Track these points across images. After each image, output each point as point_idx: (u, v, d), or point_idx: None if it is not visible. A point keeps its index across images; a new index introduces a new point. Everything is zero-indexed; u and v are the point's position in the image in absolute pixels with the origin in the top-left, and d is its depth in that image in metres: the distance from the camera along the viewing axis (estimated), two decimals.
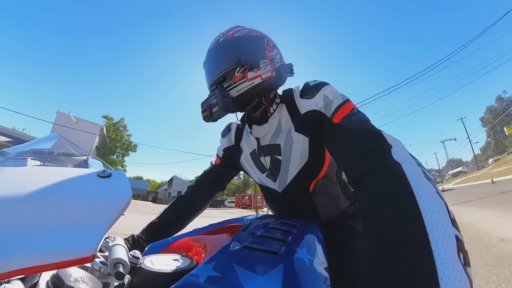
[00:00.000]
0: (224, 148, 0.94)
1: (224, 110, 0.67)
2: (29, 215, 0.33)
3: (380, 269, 0.33)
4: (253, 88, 0.69)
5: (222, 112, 0.68)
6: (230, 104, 0.67)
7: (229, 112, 0.71)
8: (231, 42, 0.71)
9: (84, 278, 0.42)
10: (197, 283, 0.40)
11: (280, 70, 0.73)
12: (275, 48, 0.76)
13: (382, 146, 0.50)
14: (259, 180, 0.86)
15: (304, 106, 0.70)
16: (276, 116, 0.77)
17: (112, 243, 0.49)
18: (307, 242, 0.56)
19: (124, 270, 0.42)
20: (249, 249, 0.49)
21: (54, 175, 0.41)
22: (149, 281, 0.48)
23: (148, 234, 0.80)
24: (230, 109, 0.69)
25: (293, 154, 0.73)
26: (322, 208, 0.78)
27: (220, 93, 0.66)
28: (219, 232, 0.75)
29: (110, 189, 0.41)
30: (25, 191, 0.36)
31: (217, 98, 0.67)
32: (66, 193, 0.38)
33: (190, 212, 0.93)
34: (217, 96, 0.67)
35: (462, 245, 0.34)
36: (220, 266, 0.44)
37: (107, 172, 0.44)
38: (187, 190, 0.96)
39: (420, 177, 0.42)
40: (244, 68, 0.68)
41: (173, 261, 0.56)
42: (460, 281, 0.29)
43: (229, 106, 0.67)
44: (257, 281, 0.40)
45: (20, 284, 0.38)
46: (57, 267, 0.31)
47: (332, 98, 0.66)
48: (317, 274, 0.48)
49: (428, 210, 0.36)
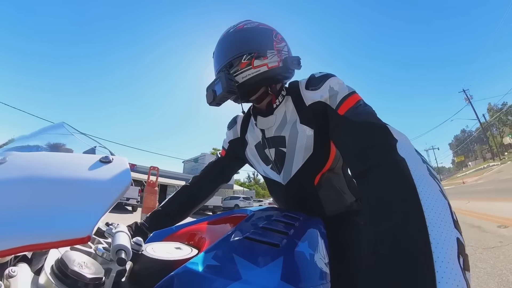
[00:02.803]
0: (230, 140, 0.94)
1: (227, 91, 0.67)
2: (29, 197, 0.34)
3: (378, 268, 0.32)
4: (258, 76, 0.69)
5: (226, 94, 0.68)
6: (234, 86, 0.68)
7: (233, 94, 0.70)
8: (240, 32, 0.73)
9: (87, 263, 0.43)
10: (196, 271, 0.40)
11: (287, 61, 0.73)
12: (283, 41, 0.76)
13: (387, 141, 0.48)
14: (263, 173, 0.85)
15: (309, 98, 0.69)
16: (282, 108, 0.76)
17: (115, 230, 0.50)
18: (309, 236, 0.55)
19: (126, 256, 0.43)
20: (250, 240, 0.49)
21: (57, 160, 0.42)
22: (150, 268, 0.49)
23: (151, 222, 0.81)
24: (234, 91, 0.68)
25: (297, 146, 0.72)
26: (326, 202, 0.77)
27: (225, 75, 0.67)
28: (222, 222, 0.76)
29: (110, 174, 0.42)
30: (27, 174, 0.36)
31: (221, 80, 0.67)
32: (67, 176, 0.39)
33: (194, 202, 0.94)
34: (221, 78, 0.67)
35: (463, 248, 0.32)
36: (220, 256, 0.44)
37: (109, 158, 0.44)
38: (192, 181, 0.97)
39: (425, 175, 0.40)
40: (251, 56, 0.69)
41: (174, 249, 0.56)
42: (458, 286, 0.28)
43: (233, 87, 0.67)
44: (256, 272, 0.40)
45: (26, 267, 0.39)
46: (53, 247, 0.32)
47: (338, 89, 0.65)
48: (317, 269, 0.48)
49: (431, 210, 0.34)
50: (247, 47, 0.69)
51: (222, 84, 0.67)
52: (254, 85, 0.72)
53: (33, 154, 0.45)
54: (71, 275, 0.39)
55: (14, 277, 0.35)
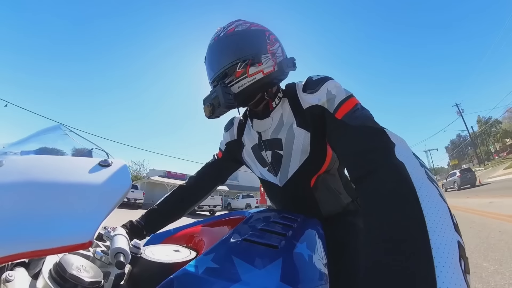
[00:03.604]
0: (227, 142, 0.94)
1: (226, 107, 0.66)
2: (28, 202, 0.33)
3: (378, 276, 0.32)
4: (255, 84, 0.68)
5: (224, 109, 0.68)
6: (232, 100, 0.67)
7: (231, 109, 0.71)
8: (231, 37, 0.70)
9: (86, 267, 0.43)
10: (196, 273, 0.40)
11: (282, 65, 0.72)
12: (277, 42, 0.75)
13: (385, 145, 0.48)
14: (260, 175, 0.86)
15: (307, 101, 0.69)
16: (278, 111, 0.76)
17: (113, 233, 0.50)
18: (308, 237, 0.55)
19: (124, 259, 0.43)
20: (249, 242, 0.49)
21: (56, 164, 0.41)
22: (149, 271, 0.49)
23: (146, 220, 0.81)
24: (232, 106, 0.68)
25: (294, 149, 0.72)
26: (323, 204, 0.77)
27: (222, 89, 0.66)
28: (220, 224, 0.76)
29: (109, 178, 0.41)
30: (26, 178, 0.36)
31: (218, 95, 0.66)
32: (66, 181, 0.39)
33: (189, 202, 0.94)
34: (218, 93, 0.66)
35: (464, 251, 0.32)
36: (219, 258, 0.44)
37: (108, 161, 0.44)
38: (188, 181, 0.97)
39: (423, 179, 0.40)
40: (246, 63, 0.67)
41: (173, 251, 0.56)
42: None
43: (230, 102, 0.67)
44: (255, 273, 0.40)
45: (23, 271, 0.39)
46: (54, 253, 0.31)
47: (335, 93, 0.65)
48: (316, 270, 0.48)
49: (431, 214, 0.34)
50: (240, 54, 0.68)
51: (220, 99, 0.66)
52: (251, 93, 0.71)
53: (30, 157, 0.45)
54: (70, 279, 0.38)
55: (11, 281, 0.35)
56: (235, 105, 0.69)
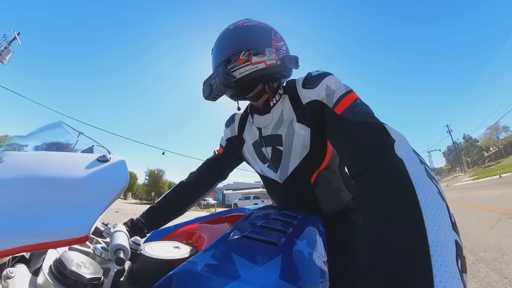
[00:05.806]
0: (227, 138, 0.94)
1: (224, 85, 0.67)
2: (27, 197, 0.33)
3: (376, 273, 0.32)
4: (256, 72, 0.70)
5: (222, 88, 0.68)
6: (231, 80, 0.68)
7: (230, 89, 0.70)
8: (240, 30, 0.74)
9: (86, 263, 0.43)
10: (195, 270, 0.40)
11: (285, 60, 0.73)
12: (282, 41, 0.77)
13: (384, 141, 0.47)
14: (260, 171, 0.85)
15: (306, 96, 0.69)
16: (279, 107, 0.76)
17: (113, 230, 0.50)
18: (308, 234, 0.55)
19: (124, 256, 0.43)
20: (249, 239, 0.49)
21: (54, 159, 0.41)
22: (149, 268, 0.49)
23: (147, 218, 0.81)
24: (230, 85, 0.68)
25: (294, 145, 0.72)
26: (323, 201, 0.77)
27: (222, 69, 0.67)
28: (220, 221, 0.76)
29: (107, 174, 0.42)
30: (25, 174, 0.36)
31: (218, 74, 0.67)
32: (63, 176, 0.39)
33: (190, 199, 0.94)
34: (218, 72, 0.67)
35: (461, 250, 0.32)
36: (218, 255, 0.44)
37: (106, 157, 0.44)
38: (189, 177, 0.97)
39: (423, 176, 0.40)
40: (250, 52, 0.69)
41: (173, 248, 0.56)
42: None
43: (229, 81, 0.67)
44: (254, 270, 0.40)
45: (24, 267, 0.39)
46: (51, 247, 0.32)
47: (335, 88, 0.65)
48: (316, 267, 0.48)
49: (430, 212, 0.34)
50: (245, 44, 0.70)
51: (219, 78, 0.67)
52: (251, 82, 0.72)
53: (30, 153, 0.45)
54: (70, 275, 0.39)
55: (12, 278, 0.35)
56: (233, 85, 0.69)
